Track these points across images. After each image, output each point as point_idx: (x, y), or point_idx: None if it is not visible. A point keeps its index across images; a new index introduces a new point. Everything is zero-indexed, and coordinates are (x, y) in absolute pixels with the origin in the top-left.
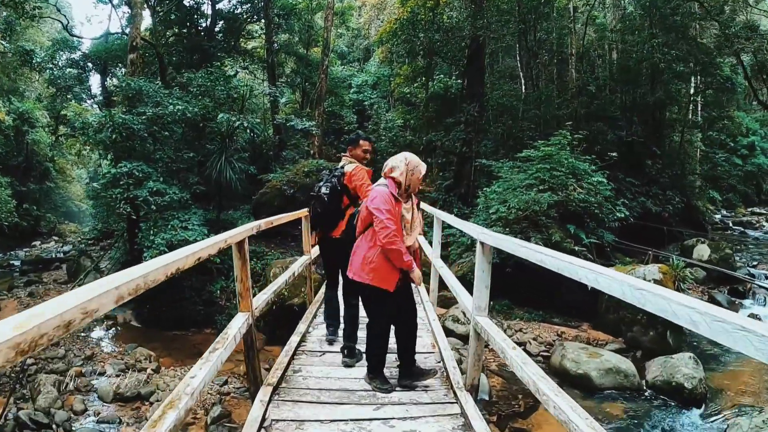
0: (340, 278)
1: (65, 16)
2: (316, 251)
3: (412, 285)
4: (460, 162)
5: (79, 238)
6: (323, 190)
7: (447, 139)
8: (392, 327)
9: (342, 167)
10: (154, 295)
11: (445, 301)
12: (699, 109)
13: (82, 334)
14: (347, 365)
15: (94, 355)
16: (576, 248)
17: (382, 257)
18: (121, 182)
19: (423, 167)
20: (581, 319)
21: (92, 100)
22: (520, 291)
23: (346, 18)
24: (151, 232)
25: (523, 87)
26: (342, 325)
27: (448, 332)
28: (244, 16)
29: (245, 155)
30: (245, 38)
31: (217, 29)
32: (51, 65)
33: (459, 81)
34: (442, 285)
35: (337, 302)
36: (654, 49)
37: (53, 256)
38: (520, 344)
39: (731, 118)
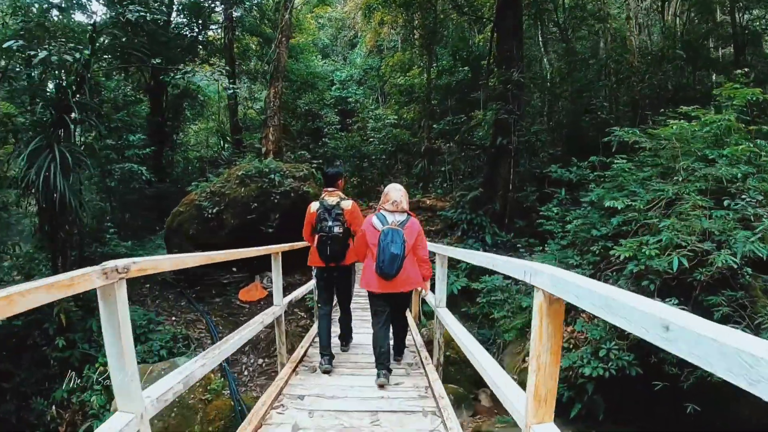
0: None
1: None
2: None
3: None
4: (492, 161)
5: None
6: (336, 230)
7: (471, 127)
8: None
9: (338, 205)
10: None
11: None
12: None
13: None
14: (345, 351)
15: None
16: None
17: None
18: None
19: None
20: None
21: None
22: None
23: None
24: None
25: (547, 68)
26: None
27: None
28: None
29: (139, 152)
30: (214, 30)
31: (179, 20)
32: None
33: (464, 70)
34: None
35: (329, 323)
36: None
37: None
38: None
39: None
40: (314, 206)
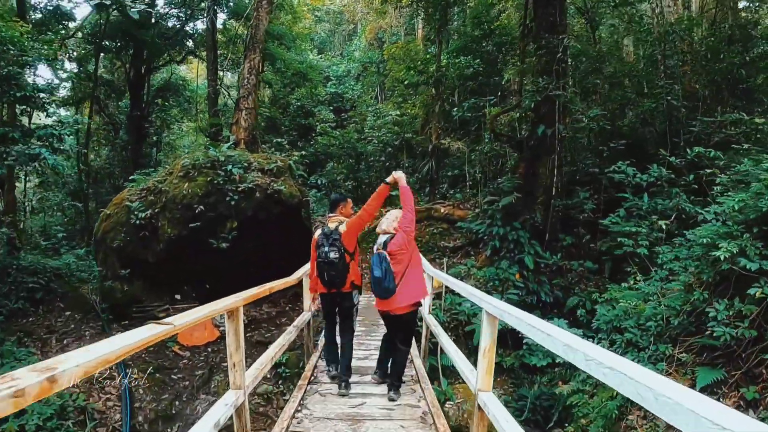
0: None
1: None
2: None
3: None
4: (530, 158)
5: None
6: (332, 255)
7: (499, 112)
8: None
9: (336, 230)
10: None
11: None
12: None
13: None
14: (343, 395)
15: None
16: None
17: None
18: None
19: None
20: None
21: None
22: None
23: None
24: None
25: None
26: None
27: None
28: None
29: (57, 131)
30: (204, 21)
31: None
32: None
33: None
34: None
35: (336, 345)
36: None
37: None
38: None
39: None
40: (317, 233)
